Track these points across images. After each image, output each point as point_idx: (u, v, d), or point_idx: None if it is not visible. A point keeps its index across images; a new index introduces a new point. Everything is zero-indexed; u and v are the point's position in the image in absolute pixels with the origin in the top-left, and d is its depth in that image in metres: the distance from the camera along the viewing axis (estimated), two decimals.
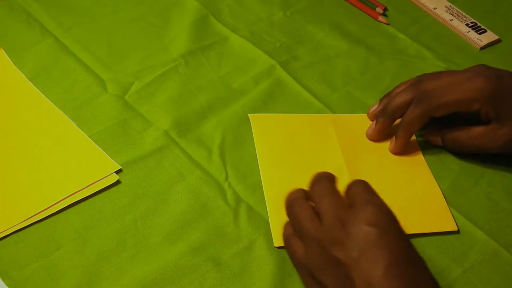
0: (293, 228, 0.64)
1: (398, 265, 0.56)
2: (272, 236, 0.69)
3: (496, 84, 0.74)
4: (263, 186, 0.73)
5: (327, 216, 0.60)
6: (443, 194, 0.74)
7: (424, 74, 0.78)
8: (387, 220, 0.58)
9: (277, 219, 0.68)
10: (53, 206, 0.69)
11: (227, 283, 0.65)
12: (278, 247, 0.68)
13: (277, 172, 0.75)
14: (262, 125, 0.79)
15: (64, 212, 0.69)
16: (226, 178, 0.74)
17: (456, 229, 0.71)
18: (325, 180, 0.64)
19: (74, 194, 0.70)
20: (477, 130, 0.75)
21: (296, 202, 0.63)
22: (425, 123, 0.75)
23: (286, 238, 0.65)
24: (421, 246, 0.69)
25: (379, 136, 0.78)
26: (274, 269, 0.66)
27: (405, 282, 0.55)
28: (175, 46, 0.88)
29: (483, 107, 0.73)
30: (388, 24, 0.94)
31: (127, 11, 0.92)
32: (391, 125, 0.77)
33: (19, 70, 0.82)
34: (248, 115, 0.80)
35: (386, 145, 0.78)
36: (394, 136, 0.77)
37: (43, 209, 0.69)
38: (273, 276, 0.66)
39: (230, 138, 0.78)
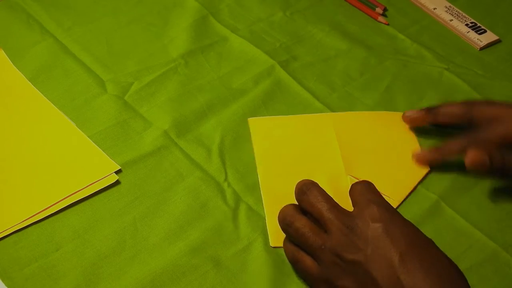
0: (296, 244, 0.64)
1: (411, 251, 0.59)
2: (269, 236, 0.69)
3: None
4: (261, 187, 0.73)
5: (333, 225, 0.62)
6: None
7: (473, 105, 0.77)
8: (389, 213, 0.61)
9: (274, 219, 0.68)
10: (52, 206, 0.69)
11: (227, 283, 0.66)
12: (274, 247, 0.68)
13: (275, 174, 0.75)
14: (261, 128, 0.79)
15: (63, 212, 0.69)
16: (226, 178, 0.74)
17: None
18: (313, 188, 0.65)
19: (74, 194, 0.70)
20: None
21: (292, 218, 0.64)
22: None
23: (292, 257, 0.65)
24: None
25: (411, 119, 0.79)
26: (273, 269, 0.66)
27: (421, 264, 0.58)
28: (174, 46, 0.88)
29: None
30: (388, 24, 0.94)
31: (127, 11, 0.92)
32: (426, 119, 0.78)
33: (19, 70, 0.82)
34: (248, 119, 0.80)
35: (385, 143, 0.78)
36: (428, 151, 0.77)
37: (42, 209, 0.69)
38: (272, 275, 0.66)
39: (230, 138, 0.78)
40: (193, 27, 0.90)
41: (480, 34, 0.93)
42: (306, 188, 0.65)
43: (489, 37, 0.93)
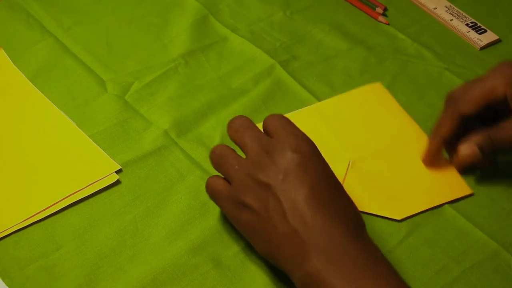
0: (217, 172, 0.66)
1: (321, 186, 0.61)
2: None
3: None
4: None
5: (251, 149, 0.63)
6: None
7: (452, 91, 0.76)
8: (309, 148, 0.63)
9: None
10: (53, 206, 0.69)
11: (227, 283, 0.66)
12: None
13: None
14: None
15: (64, 212, 0.70)
16: None
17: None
18: (242, 118, 0.66)
19: (74, 194, 0.70)
20: (506, 123, 0.72)
21: (216, 148, 0.66)
22: (458, 125, 0.73)
23: (206, 182, 0.67)
24: (420, 245, 0.69)
25: (431, 157, 0.75)
26: (274, 268, 0.66)
27: (327, 201, 0.60)
28: (175, 46, 0.88)
29: (508, 90, 0.71)
30: (388, 24, 0.94)
31: (127, 11, 0.92)
32: (440, 143, 0.75)
33: (19, 70, 0.82)
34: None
35: (379, 123, 0.79)
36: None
37: (43, 208, 0.69)
38: (273, 275, 0.66)
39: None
40: (193, 27, 0.90)
41: (480, 33, 0.93)
42: (235, 118, 0.66)
43: (490, 37, 0.93)
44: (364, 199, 0.71)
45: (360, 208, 0.70)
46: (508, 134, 0.72)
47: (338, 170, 0.73)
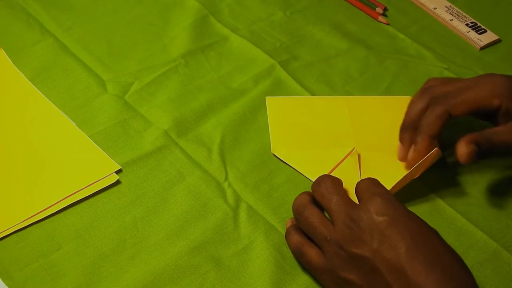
0: (305, 234, 0.66)
1: (416, 243, 0.59)
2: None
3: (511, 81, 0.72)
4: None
5: (338, 217, 0.63)
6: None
7: (431, 80, 0.76)
8: (393, 206, 0.61)
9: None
10: (53, 206, 0.69)
11: (227, 283, 0.66)
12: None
13: (288, 146, 0.78)
14: (277, 107, 0.81)
15: (64, 212, 0.70)
16: (226, 178, 0.74)
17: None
18: (327, 180, 0.67)
19: (74, 194, 0.70)
20: (503, 127, 0.71)
21: (305, 207, 0.66)
22: (445, 124, 0.72)
23: (296, 248, 0.66)
24: None
25: (419, 157, 0.72)
26: (274, 268, 0.66)
27: (427, 256, 0.58)
28: (175, 46, 0.88)
29: (503, 103, 0.71)
30: (388, 24, 0.94)
31: (127, 11, 0.92)
32: (429, 143, 0.72)
33: (19, 70, 0.82)
34: (266, 97, 0.82)
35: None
36: (413, 144, 0.73)
37: (43, 209, 0.69)
38: (273, 275, 0.66)
39: (230, 138, 0.78)
40: (193, 26, 0.90)
41: (480, 34, 0.93)
42: (321, 180, 0.67)
43: (489, 37, 0.93)
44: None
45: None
46: (502, 138, 0.70)
47: (338, 154, 0.76)
